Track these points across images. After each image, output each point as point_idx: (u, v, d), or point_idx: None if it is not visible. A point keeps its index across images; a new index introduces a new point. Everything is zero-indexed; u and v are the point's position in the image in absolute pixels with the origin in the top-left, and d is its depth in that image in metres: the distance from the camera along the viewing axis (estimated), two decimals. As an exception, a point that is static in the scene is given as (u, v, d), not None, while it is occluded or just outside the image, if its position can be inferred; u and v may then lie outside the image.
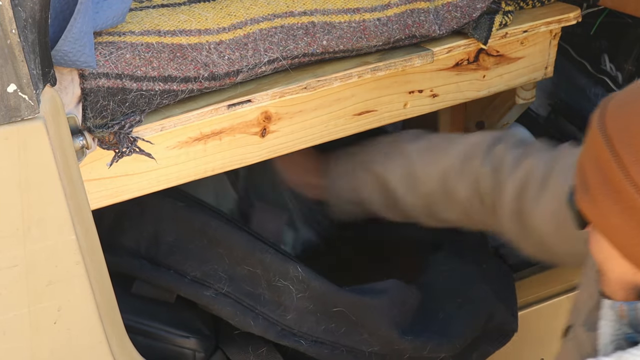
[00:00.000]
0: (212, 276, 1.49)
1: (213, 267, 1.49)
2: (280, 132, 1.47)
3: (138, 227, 1.56)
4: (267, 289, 1.49)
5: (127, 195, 1.36)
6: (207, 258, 1.50)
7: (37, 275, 1.12)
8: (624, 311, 1.14)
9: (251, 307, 1.48)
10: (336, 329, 1.52)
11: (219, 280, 1.49)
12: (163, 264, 1.52)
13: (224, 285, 1.48)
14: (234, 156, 1.44)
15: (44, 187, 1.09)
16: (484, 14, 1.60)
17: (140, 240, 1.55)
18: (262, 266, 1.50)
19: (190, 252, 1.51)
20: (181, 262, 1.51)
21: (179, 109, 1.34)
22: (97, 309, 1.19)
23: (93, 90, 1.22)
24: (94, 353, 1.22)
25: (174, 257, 1.52)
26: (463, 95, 1.70)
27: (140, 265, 1.53)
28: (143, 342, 1.46)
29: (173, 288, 1.51)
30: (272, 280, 1.50)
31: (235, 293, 1.48)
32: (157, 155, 1.34)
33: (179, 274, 1.51)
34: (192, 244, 1.52)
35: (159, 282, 1.51)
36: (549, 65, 1.79)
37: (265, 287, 1.49)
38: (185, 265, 1.50)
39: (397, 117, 1.62)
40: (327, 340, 1.51)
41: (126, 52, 1.26)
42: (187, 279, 1.50)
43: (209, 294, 1.48)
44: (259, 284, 1.49)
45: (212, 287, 1.49)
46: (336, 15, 1.45)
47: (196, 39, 1.32)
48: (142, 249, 1.54)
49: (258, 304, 1.48)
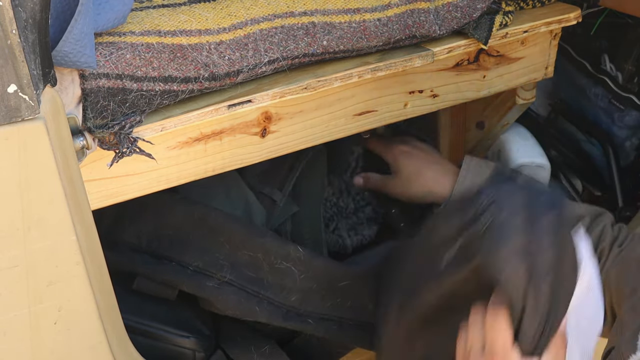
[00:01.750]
0: (213, 265, 1.49)
1: (214, 256, 1.50)
2: (281, 132, 1.47)
3: (138, 222, 1.56)
4: (270, 273, 1.49)
5: (128, 196, 1.36)
6: (207, 247, 1.50)
7: (37, 275, 1.12)
8: None
9: (255, 292, 1.48)
10: (342, 303, 1.52)
11: (220, 268, 1.49)
12: (164, 256, 1.52)
13: (226, 273, 1.48)
14: (234, 156, 1.44)
15: (44, 187, 1.09)
16: (484, 14, 1.60)
17: (141, 235, 1.55)
18: (262, 250, 1.50)
19: (191, 242, 1.52)
20: (182, 253, 1.51)
21: (179, 109, 1.34)
22: (97, 309, 1.19)
23: (93, 90, 1.22)
24: (94, 353, 1.22)
25: (175, 248, 1.52)
26: (463, 96, 1.70)
27: (142, 259, 1.53)
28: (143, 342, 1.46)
29: (175, 282, 1.51)
30: (274, 263, 1.50)
31: (238, 280, 1.48)
32: (158, 155, 1.34)
33: (181, 266, 1.51)
34: (192, 234, 1.52)
35: (161, 276, 1.51)
36: (549, 65, 1.79)
37: (268, 271, 1.50)
38: (186, 256, 1.50)
39: (398, 117, 1.62)
40: (335, 316, 1.51)
41: (126, 52, 1.26)
42: (190, 270, 1.50)
43: (212, 284, 1.48)
44: (260, 268, 1.49)
45: (214, 277, 1.49)
46: (336, 16, 1.45)
47: (196, 39, 1.32)
48: (143, 243, 1.55)
49: (262, 288, 1.48)
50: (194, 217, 1.54)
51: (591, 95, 2.03)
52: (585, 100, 2.04)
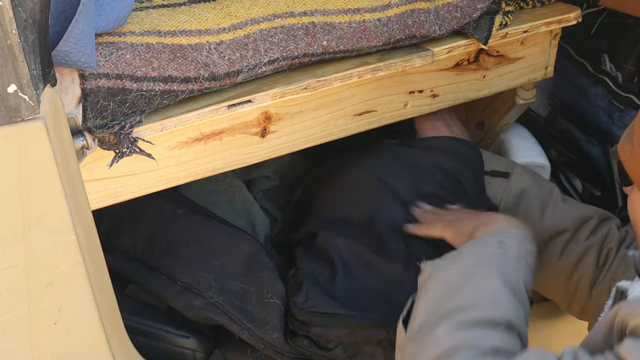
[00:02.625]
0: (202, 283, 1.49)
1: (204, 274, 1.50)
2: (281, 132, 1.47)
3: (135, 229, 1.57)
4: (257, 306, 1.49)
5: (127, 196, 1.36)
6: (198, 265, 1.50)
7: (38, 275, 1.12)
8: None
9: (238, 320, 1.49)
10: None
11: (209, 288, 1.49)
12: (157, 268, 1.53)
13: (214, 294, 1.48)
14: (234, 156, 1.44)
15: (44, 187, 1.09)
16: (484, 14, 1.60)
17: (136, 243, 1.56)
18: (257, 284, 1.51)
19: (182, 257, 1.52)
20: (172, 266, 1.51)
21: (179, 109, 1.34)
22: (97, 309, 1.19)
23: (93, 90, 1.22)
24: (94, 353, 1.22)
25: (166, 261, 1.52)
26: (463, 96, 1.70)
27: (135, 269, 1.54)
28: (143, 342, 1.46)
29: (164, 297, 1.51)
30: (265, 297, 1.50)
31: (225, 304, 1.49)
32: (158, 155, 1.34)
33: (170, 279, 1.51)
34: (184, 250, 1.52)
35: (151, 288, 1.52)
36: (549, 65, 1.79)
37: (256, 304, 1.49)
38: (176, 270, 1.50)
39: (398, 117, 1.62)
40: (309, 356, 1.51)
41: (126, 52, 1.26)
42: (178, 285, 1.50)
43: (198, 304, 1.48)
44: (249, 301, 1.50)
45: (201, 296, 1.49)
46: (336, 16, 1.45)
47: (196, 40, 1.32)
48: (138, 251, 1.55)
49: (246, 318, 1.49)
50: (191, 235, 1.54)
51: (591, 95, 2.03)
52: (585, 100, 2.04)
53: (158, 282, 1.51)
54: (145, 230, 1.56)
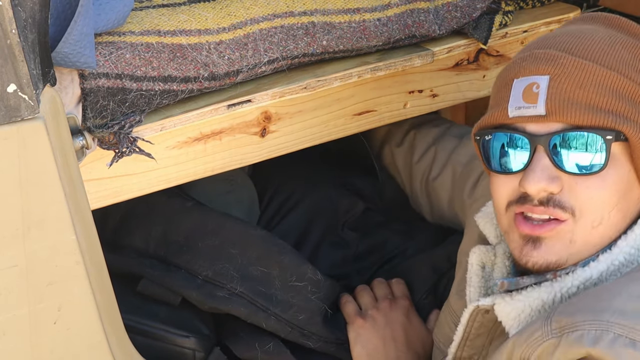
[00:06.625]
0: (223, 275, 1.50)
1: (224, 266, 1.50)
2: (280, 132, 1.47)
3: (146, 226, 1.57)
4: (281, 289, 1.50)
5: (127, 195, 1.36)
6: (218, 257, 1.51)
7: (37, 275, 1.12)
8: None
9: (264, 307, 1.49)
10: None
11: (231, 279, 1.49)
12: (173, 263, 1.53)
13: (237, 285, 1.49)
14: (233, 156, 1.44)
15: (44, 187, 1.09)
16: (484, 14, 1.60)
17: (148, 240, 1.56)
18: (279, 267, 1.52)
19: (201, 251, 1.52)
20: (191, 261, 1.51)
21: (179, 109, 1.34)
22: (97, 309, 1.19)
23: (93, 90, 1.22)
24: (94, 353, 1.22)
25: (184, 256, 1.52)
26: (463, 95, 1.70)
27: (150, 264, 1.53)
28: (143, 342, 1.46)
29: (183, 291, 1.51)
30: (289, 280, 1.51)
31: (249, 293, 1.49)
32: (157, 155, 1.34)
33: (190, 274, 1.51)
34: (202, 243, 1.52)
35: (169, 282, 1.52)
36: (549, 65, 1.79)
37: (279, 288, 1.50)
38: (196, 264, 1.51)
39: (397, 117, 1.62)
40: (335, 340, 1.52)
41: (126, 52, 1.26)
42: (199, 279, 1.50)
43: (222, 295, 1.49)
44: (272, 284, 1.50)
45: (225, 287, 1.49)
46: (336, 16, 1.45)
47: (196, 39, 1.32)
48: (150, 248, 1.55)
49: (271, 304, 1.49)
50: (206, 226, 1.54)
51: (591, 95, 2.02)
52: (585, 100, 2.04)
53: (177, 277, 1.51)
54: (156, 226, 1.56)
